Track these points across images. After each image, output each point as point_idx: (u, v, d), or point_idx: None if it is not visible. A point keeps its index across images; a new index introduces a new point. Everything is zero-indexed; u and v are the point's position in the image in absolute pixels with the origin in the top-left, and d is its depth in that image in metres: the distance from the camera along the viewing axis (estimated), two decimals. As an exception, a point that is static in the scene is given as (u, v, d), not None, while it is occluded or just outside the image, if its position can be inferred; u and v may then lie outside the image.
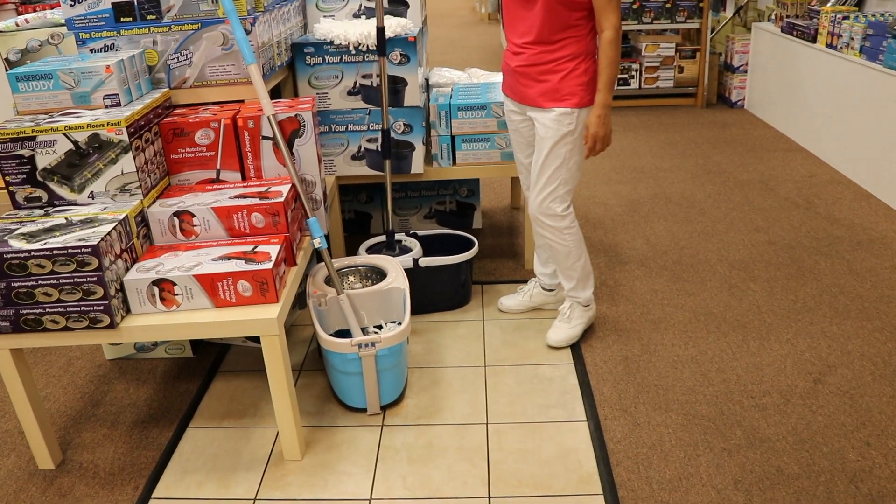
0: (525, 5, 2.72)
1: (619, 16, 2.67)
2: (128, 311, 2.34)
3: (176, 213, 2.50)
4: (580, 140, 2.82)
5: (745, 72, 6.73)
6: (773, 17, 6.45)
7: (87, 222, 2.31)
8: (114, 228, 2.27)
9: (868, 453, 2.45)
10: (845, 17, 5.11)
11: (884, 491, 2.29)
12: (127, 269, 2.35)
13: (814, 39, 5.48)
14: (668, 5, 6.67)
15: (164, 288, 2.31)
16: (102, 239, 2.19)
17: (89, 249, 2.15)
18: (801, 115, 5.68)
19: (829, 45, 5.25)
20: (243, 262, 2.34)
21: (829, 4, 5.57)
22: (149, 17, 2.73)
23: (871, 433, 2.54)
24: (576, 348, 3.07)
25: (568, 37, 2.71)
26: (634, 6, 6.68)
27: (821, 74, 5.35)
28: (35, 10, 3.56)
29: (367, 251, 3.35)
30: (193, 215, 2.50)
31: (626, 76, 6.85)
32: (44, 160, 2.40)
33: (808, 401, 2.71)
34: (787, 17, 5.99)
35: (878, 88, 4.57)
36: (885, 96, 4.49)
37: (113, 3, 2.71)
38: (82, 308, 2.23)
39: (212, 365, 3.10)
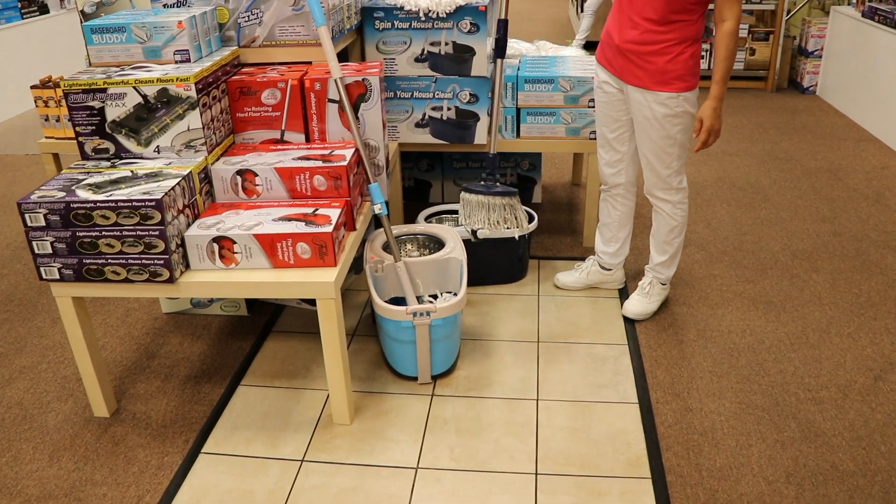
0: None
1: (741, 7, 2.61)
2: (187, 266, 2.36)
3: (239, 172, 2.51)
4: (687, 119, 2.79)
5: (820, 57, 6.53)
6: (854, 0, 6.24)
7: (152, 176, 2.33)
8: (178, 184, 2.29)
9: (929, 456, 2.39)
10: (932, 4, 4.92)
11: (944, 495, 2.23)
12: (188, 225, 2.37)
13: (896, 26, 5.28)
14: (743, -16, 6.50)
15: (223, 245, 2.32)
16: (166, 194, 2.21)
17: (153, 203, 2.17)
18: (877, 104, 5.49)
19: (912, 33, 5.06)
20: (303, 224, 2.34)
21: (914, -10, 5.38)
22: (221, -25, 2.74)
23: (933, 435, 2.47)
24: (630, 330, 3.04)
25: (682, 20, 2.65)
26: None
27: (900, 63, 5.16)
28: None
29: (425, 220, 3.34)
30: (256, 174, 2.50)
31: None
32: (113, 112, 2.42)
33: (868, 398, 2.64)
34: (870, 1, 5.79)
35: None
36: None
37: (187, -41, 2.73)
38: (143, 261, 2.26)
39: (265, 324, 3.13)
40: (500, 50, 3.20)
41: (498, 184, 3.24)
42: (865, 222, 4.01)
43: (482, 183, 3.23)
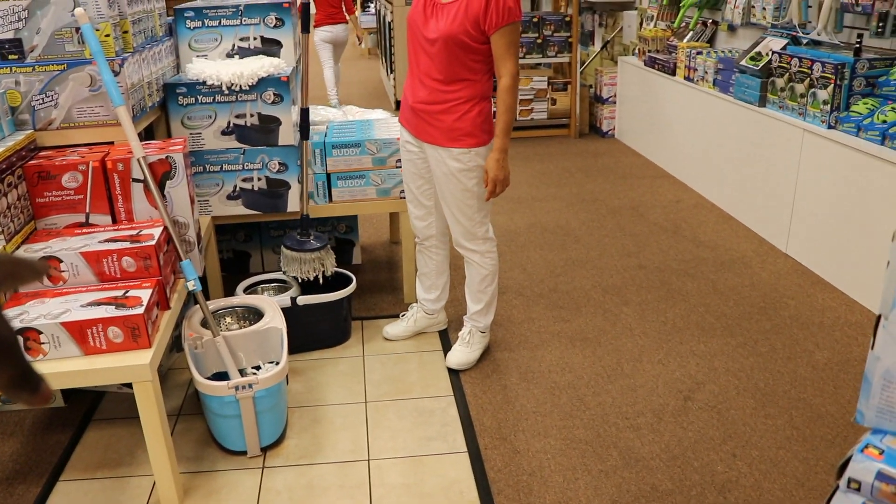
0: (426, 43, 2.79)
1: (516, 64, 2.77)
2: (-10, 363, 2.24)
3: (42, 259, 2.42)
4: (481, 172, 2.91)
5: (614, 103, 7.01)
6: (636, 51, 6.75)
7: (-56, 273, 2.20)
8: (-27, 278, 2.18)
9: (734, 464, 2.58)
10: (699, 53, 5.42)
11: (749, 499, 2.42)
12: (-12, 320, 2.25)
13: (673, 72, 5.76)
14: (538, 41, 6.90)
15: (29, 337, 2.23)
16: (-39, 290, 2.10)
17: (-54, 301, 2.07)
18: (666, 144, 5.96)
19: (687, 78, 5.55)
20: (113, 307, 2.28)
21: (685, 40, 5.89)
22: (10, 57, 2.66)
23: (736, 445, 2.68)
24: (455, 380, 3.12)
25: (467, 79, 2.80)
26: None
27: (681, 105, 5.63)
28: None
29: (244, 291, 3.32)
30: (61, 261, 2.42)
31: (501, 108, 7.01)
32: None
33: (679, 418, 2.84)
34: (649, 51, 6.29)
35: (730, 118, 4.86)
36: (737, 125, 4.77)
37: (-31, 43, 2.63)
38: (-60, 363, 2.12)
39: (85, 413, 2.99)
40: (303, 133, 3.38)
41: (312, 239, 3.38)
42: (666, 253, 4.32)
43: (298, 238, 3.38)
